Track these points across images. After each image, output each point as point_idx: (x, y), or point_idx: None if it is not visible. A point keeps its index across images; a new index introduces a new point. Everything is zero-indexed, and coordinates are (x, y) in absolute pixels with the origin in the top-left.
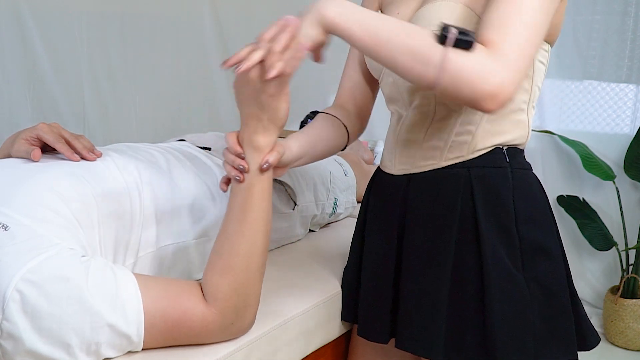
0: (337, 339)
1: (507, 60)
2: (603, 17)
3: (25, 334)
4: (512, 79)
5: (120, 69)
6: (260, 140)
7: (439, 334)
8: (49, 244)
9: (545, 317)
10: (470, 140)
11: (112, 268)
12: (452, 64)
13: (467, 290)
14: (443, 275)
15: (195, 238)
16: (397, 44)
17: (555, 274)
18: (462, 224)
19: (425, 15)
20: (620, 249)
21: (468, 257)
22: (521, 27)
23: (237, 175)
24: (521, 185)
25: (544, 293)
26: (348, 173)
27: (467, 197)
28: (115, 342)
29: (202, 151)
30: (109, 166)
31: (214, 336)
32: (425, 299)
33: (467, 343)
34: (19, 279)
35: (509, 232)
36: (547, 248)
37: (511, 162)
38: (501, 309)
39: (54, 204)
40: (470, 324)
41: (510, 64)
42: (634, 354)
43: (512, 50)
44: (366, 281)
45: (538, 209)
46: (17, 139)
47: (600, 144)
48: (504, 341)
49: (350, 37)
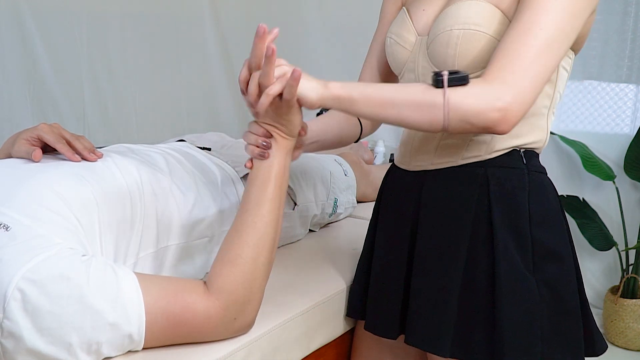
0: (337, 338)
1: (507, 83)
2: (603, 17)
3: (26, 332)
4: (517, 99)
5: (120, 69)
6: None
7: (447, 331)
8: (50, 244)
9: (554, 321)
10: (489, 140)
11: (113, 267)
12: (455, 101)
13: (478, 289)
14: (455, 273)
15: (195, 239)
16: (401, 101)
17: (566, 279)
18: (476, 222)
19: (454, 13)
20: (620, 249)
21: (481, 256)
22: (527, 48)
23: (260, 152)
24: (536, 188)
25: (554, 297)
26: (348, 173)
27: (483, 195)
28: (116, 342)
29: (202, 151)
30: (109, 167)
31: (215, 332)
32: (436, 295)
33: (475, 341)
34: (20, 277)
35: (522, 233)
36: (558, 252)
37: (528, 165)
38: (511, 310)
39: (54, 204)
40: (479, 323)
41: (511, 86)
42: (634, 354)
43: (512, 75)
44: (376, 276)
45: (551, 212)
46: (17, 139)
47: (600, 144)
48: (512, 342)
49: (353, 105)
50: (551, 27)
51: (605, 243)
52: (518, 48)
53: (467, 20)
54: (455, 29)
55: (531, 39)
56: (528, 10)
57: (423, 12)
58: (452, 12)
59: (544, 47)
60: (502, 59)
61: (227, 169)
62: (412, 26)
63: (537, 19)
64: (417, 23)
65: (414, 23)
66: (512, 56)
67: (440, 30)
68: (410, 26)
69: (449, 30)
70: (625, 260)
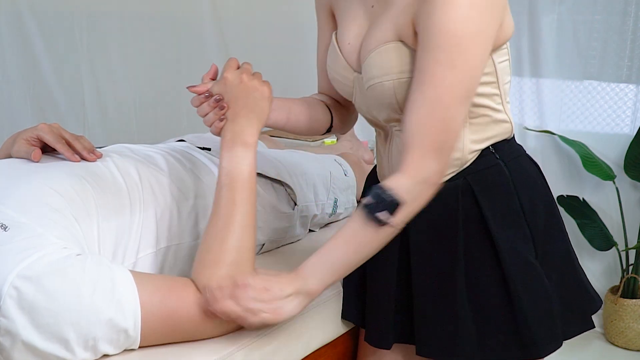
0: (336, 339)
1: (428, 174)
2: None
3: (23, 329)
4: (442, 168)
5: (120, 69)
6: (248, 136)
7: (466, 337)
8: (46, 243)
9: (563, 297)
10: (460, 156)
11: (108, 264)
12: (400, 219)
13: (488, 288)
14: (457, 278)
15: (195, 239)
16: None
17: (565, 252)
18: (468, 228)
19: (376, 63)
20: (620, 249)
21: (482, 258)
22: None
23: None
24: (519, 175)
25: (558, 274)
26: (348, 173)
27: (468, 199)
28: (112, 337)
29: (202, 151)
30: (109, 167)
31: (211, 327)
32: (442, 305)
33: (502, 340)
34: (15, 275)
35: (519, 224)
36: (553, 230)
37: (502, 158)
38: (530, 301)
39: (53, 203)
40: (501, 321)
41: (432, 174)
42: (634, 354)
43: (430, 164)
44: (370, 290)
45: (539, 192)
46: (17, 139)
47: (600, 144)
48: (538, 331)
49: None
50: (455, 99)
51: (605, 243)
52: (428, 133)
53: (392, 70)
54: (386, 80)
55: (438, 120)
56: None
57: (349, 45)
58: (375, 62)
59: (453, 118)
60: (415, 148)
61: None
62: (345, 63)
63: (440, 97)
64: (348, 58)
65: (345, 58)
66: (425, 144)
67: (371, 81)
68: (344, 62)
69: (379, 82)
70: (625, 260)
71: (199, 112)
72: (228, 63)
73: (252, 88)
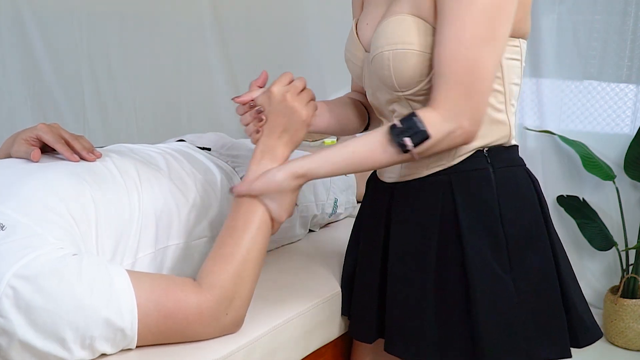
0: (337, 339)
1: (458, 109)
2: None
3: (20, 329)
4: (472, 119)
5: (120, 69)
6: (279, 151)
7: (429, 339)
8: (44, 243)
9: (537, 317)
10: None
11: (105, 263)
12: (422, 151)
13: (453, 294)
14: (427, 281)
15: (195, 239)
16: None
17: (544, 271)
18: (443, 228)
19: (383, 32)
20: (620, 249)
21: (451, 261)
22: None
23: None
24: (506, 184)
25: (534, 291)
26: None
27: (447, 202)
28: (109, 336)
29: (202, 151)
30: (108, 167)
31: (208, 328)
32: (411, 304)
33: (457, 348)
34: (12, 275)
35: (494, 232)
36: (534, 245)
37: (493, 163)
38: (486, 313)
39: (52, 203)
40: (458, 329)
41: (462, 111)
42: (634, 354)
43: (458, 101)
44: (357, 282)
45: (525, 205)
46: (16, 139)
47: (600, 144)
48: (492, 344)
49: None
50: (475, 38)
51: (605, 243)
52: (454, 71)
53: (395, 40)
54: (386, 50)
55: (461, 59)
56: (447, 27)
57: (367, 26)
58: (382, 31)
59: (476, 59)
60: (443, 85)
61: (227, 169)
62: (358, 42)
63: (459, 35)
64: (362, 38)
65: (360, 38)
66: (451, 81)
67: (374, 51)
68: (357, 42)
69: (380, 52)
70: (625, 260)
71: (242, 120)
72: (281, 76)
73: (292, 109)
